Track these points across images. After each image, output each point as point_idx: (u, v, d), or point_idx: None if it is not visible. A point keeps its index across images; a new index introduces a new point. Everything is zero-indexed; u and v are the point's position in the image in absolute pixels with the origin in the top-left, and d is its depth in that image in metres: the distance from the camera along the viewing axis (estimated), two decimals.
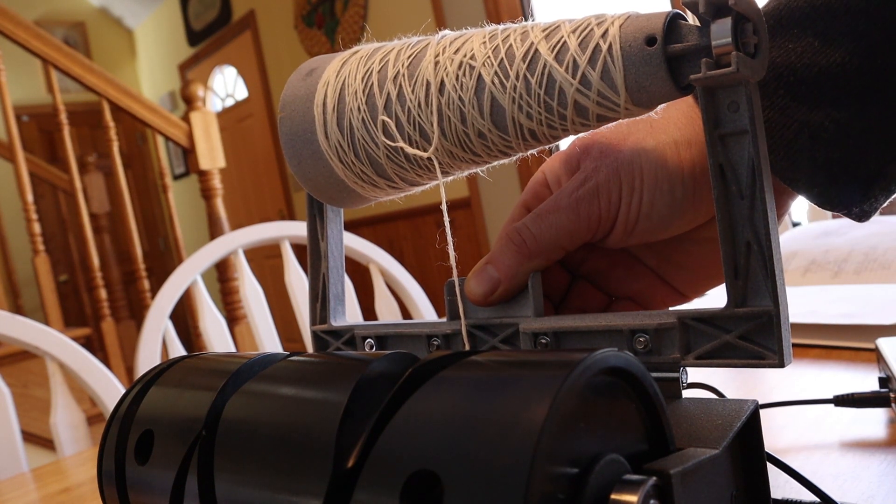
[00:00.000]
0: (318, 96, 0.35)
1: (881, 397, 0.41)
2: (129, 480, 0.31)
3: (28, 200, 2.54)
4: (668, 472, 0.22)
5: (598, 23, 0.29)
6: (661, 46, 0.27)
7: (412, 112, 0.32)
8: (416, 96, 0.32)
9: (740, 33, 0.26)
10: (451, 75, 0.31)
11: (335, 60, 0.36)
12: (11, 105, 2.51)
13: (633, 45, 0.27)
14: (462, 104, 0.31)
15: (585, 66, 0.28)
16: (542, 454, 0.19)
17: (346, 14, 3.46)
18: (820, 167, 0.33)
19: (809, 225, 0.95)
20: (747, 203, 0.27)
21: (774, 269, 0.27)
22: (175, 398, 0.32)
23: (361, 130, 0.34)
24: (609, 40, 0.28)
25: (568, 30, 0.29)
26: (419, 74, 0.32)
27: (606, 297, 0.39)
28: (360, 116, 0.33)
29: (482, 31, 0.32)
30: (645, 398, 0.24)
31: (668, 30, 0.27)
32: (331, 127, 0.34)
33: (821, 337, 0.59)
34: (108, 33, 5.41)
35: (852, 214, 0.35)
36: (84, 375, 0.85)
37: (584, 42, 0.28)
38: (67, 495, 0.57)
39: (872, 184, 0.34)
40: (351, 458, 0.23)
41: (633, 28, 0.27)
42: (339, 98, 0.34)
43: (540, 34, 0.30)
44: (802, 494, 0.31)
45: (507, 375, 0.22)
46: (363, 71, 0.34)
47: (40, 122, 4.78)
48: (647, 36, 0.27)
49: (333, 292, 0.41)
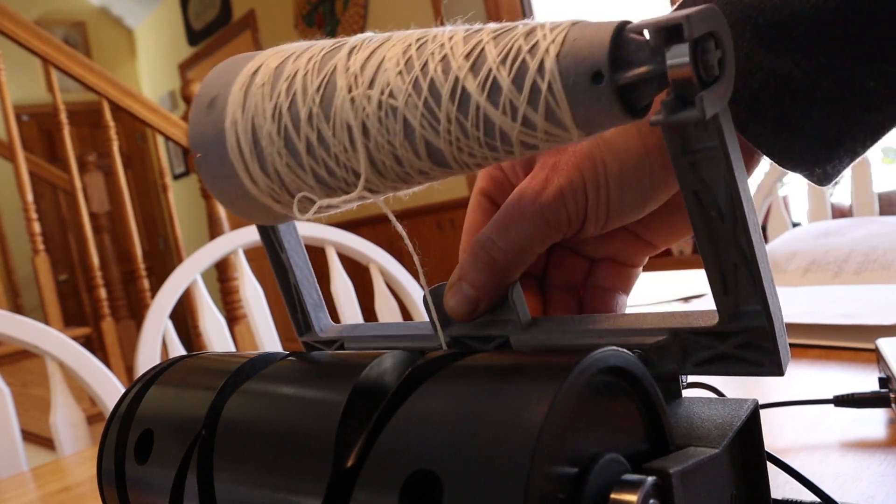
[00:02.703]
0: (230, 138, 0.31)
1: (881, 397, 0.41)
2: (129, 480, 0.31)
3: (28, 200, 2.53)
4: (667, 471, 0.22)
5: (529, 49, 0.24)
6: (609, 81, 0.22)
7: (339, 157, 0.28)
8: (340, 141, 0.28)
9: (700, 52, 0.22)
10: (372, 118, 0.27)
11: (235, 87, 0.31)
12: (11, 104, 2.50)
13: (577, 83, 0.23)
14: (393, 147, 0.27)
15: (525, 108, 0.24)
16: (542, 454, 0.19)
17: (346, 14, 3.46)
18: (785, 122, 0.31)
19: (809, 225, 0.95)
20: (729, 225, 0.25)
21: (764, 287, 0.26)
22: (175, 398, 0.32)
23: (289, 175, 0.30)
24: (547, 77, 0.23)
25: (494, 57, 0.24)
26: (336, 115, 0.28)
27: (587, 261, 0.38)
28: (283, 162, 0.30)
29: (394, 50, 0.27)
30: (645, 397, 0.24)
31: (614, 57, 0.23)
32: (255, 172, 0.31)
33: (821, 337, 0.59)
34: (108, 33, 5.41)
35: (814, 176, 0.33)
36: (84, 375, 0.85)
37: (518, 77, 0.24)
38: (67, 494, 0.57)
39: (838, 144, 0.31)
40: (350, 458, 0.23)
41: (573, 60, 0.23)
42: (253, 140, 0.30)
43: (462, 62, 0.25)
44: (802, 494, 0.31)
45: (506, 375, 0.22)
46: (270, 108, 0.29)
47: (40, 122, 4.77)
48: (592, 72, 0.23)
49: (310, 302, 0.39)
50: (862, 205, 1.17)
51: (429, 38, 0.27)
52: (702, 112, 0.22)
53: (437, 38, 0.27)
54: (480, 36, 0.26)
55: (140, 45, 5.52)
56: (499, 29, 0.26)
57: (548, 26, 0.24)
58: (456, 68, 0.25)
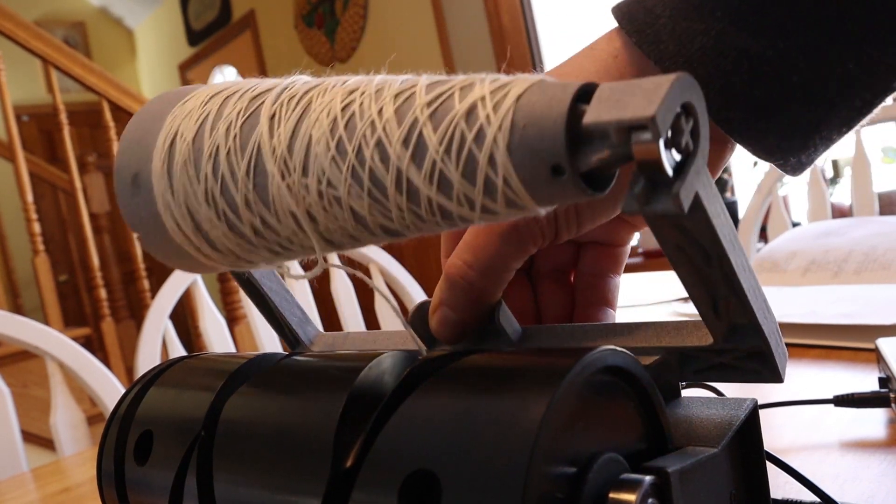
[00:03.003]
0: (168, 222, 0.28)
1: (881, 397, 0.41)
2: (129, 481, 0.31)
3: (28, 200, 2.53)
4: (666, 470, 0.22)
5: (473, 137, 0.21)
6: (570, 173, 0.20)
7: (290, 238, 0.26)
8: (286, 226, 0.26)
9: (671, 136, 0.19)
10: (315, 206, 0.25)
11: (156, 164, 0.28)
12: (11, 105, 2.50)
13: (535, 176, 0.20)
14: (346, 230, 0.25)
15: (482, 199, 0.21)
16: (540, 453, 0.19)
17: (346, 14, 3.46)
18: (758, 107, 0.29)
19: (809, 225, 0.95)
20: (716, 265, 0.24)
21: (755, 313, 0.25)
22: (174, 398, 0.32)
23: (242, 250, 0.28)
24: (501, 172, 0.20)
25: (436, 146, 0.21)
26: (275, 203, 0.25)
27: (574, 247, 0.37)
28: (233, 242, 0.27)
29: (319, 127, 0.24)
30: (643, 397, 0.24)
31: (573, 148, 0.20)
32: (205, 250, 0.29)
33: (821, 337, 0.59)
34: (108, 33, 5.41)
35: (787, 166, 0.31)
36: (84, 375, 0.85)
37: (468, 171, 0.21)
38: (67, 495, 0.57)
39: (814, 131, 0.29)
40: (349, 458, 0.23)
41: (527, 152, 0.20)
42: (194, 224, 0.28)
43: (401, 150, 0.22)
44: (802, 494, 0.31)
45: (505, 375, 0.22)
46: (201, 192, 0.27)
47: (40, 122, 4.77)
48: (551, 166, 0.20)
49: (294, 320, 0.39)
50: (862, 205, 1.17)
51: (355, 109, 0.24)
52: (679, 207, 0.19)
53: (365, 111, 0.23)
54: (413, 110, 0.22)
55: (140, 45, 5.52)
56: (432, 98, 0.22)
57: (489, 103, 0.21)
58: (395, 158, 0.22)
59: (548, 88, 0.20)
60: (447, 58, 3.02)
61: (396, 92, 0.23)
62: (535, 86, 0.21)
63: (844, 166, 2.16)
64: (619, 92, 0.19)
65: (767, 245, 0.89)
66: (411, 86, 0.23)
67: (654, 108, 0.18)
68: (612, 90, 0.19)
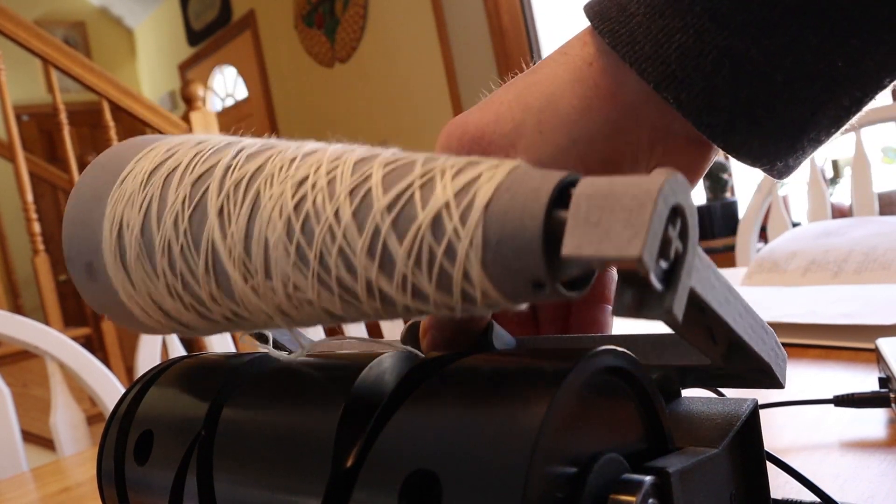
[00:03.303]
0: (133, 308, 0.27)
1: (881, 397, 0.41)
2: (129, 481, 0.31)
3: (28, 200, 2.54)
4: (667, 471, 0.22)
5: (443, 250, 0.19)
6: (551, 287, 0.19)
7: (268, 323, 0.25)
8: (258, 317, 0.25)
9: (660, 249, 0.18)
10: (286, 305, 0.23)
11: (108, 257, 0.27)
12: (11, 104, 2.50)
13: (516, 290, 0.19)
14: (321, 320, 0.24)
15: (462, 304, 0.20)
16: (541, 454, 0.19)
17: (346, 14, 3.46)
18: (742, 109, 0.27)
19: (809, 225, 0.95)
20: (710, 319, 0.23)
21: (755, 349, 0.24)
22: (175, 398, 0.32)
23: (215, 329, 0.27)
24: (479, 288, 0.19)
25: (403, 258, 0.20)
26: (243, 302, 0.24)
27: None
28: (204, 325, 0.27)
29: (274, 227, 0.22)
30: (644, 397, 0.24)
31: (552, 266, 0.18)
32: (177, 328, 0.28)
33: (821, 337, 0.59)
34: (108, 33, 5.41)
35: (774, 171, 0.29)
36: (84, 375, 0.85)
37: (443, 284, 0.20)
38: (67, 495, 0.57)
39: (802, 133, 0.28)
40: (350, 458, 0.23)
41: (504, 271, 0.19)
42: (161, 311, 0.27)
43: (366, 260, 0.21)
44: (802, 494, 0.31)
45: (505, 375, 0.22)
46: (163, 287, 0.25)
47: (40, 122, 4.77)
48: (532, 282, 0.19)
49: (285, 338, 0.39)
50: (862, 204, 1.17)
51: (309, 209, 0.22)
52: (670, 314, 0.18)
53: (320, 212, 0.22)
54: (373, 216, 0.21)
55: (140, 45, 5.52)
56: (391, 201, 0.21)
57: (455, 214, 0.19)
58: (362, 269, 0.21)
59: (517, 192, 0.19)
60: (447, 58, 3.02)
61: (351, 187, 0.21)
62: (503, 188, 0.19)
63: (844, 166, 2.17)
64: (599, 207, 0.17)
65: (767, 245, 0.89)
66: (365, 177, 0.21)
67: (640, 244, 0.16)
68: (589, 204, 0.17)
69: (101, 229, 0.27)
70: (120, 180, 0.27)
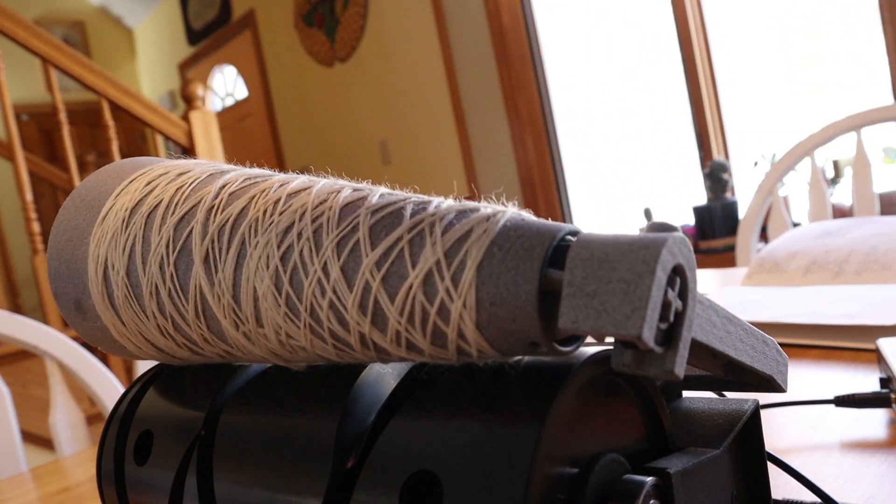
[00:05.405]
0: (125, 343, 0.27)
1: (882, 398, 0.41)
2: (129, 481, 0.31)
3: (27, 199, 2.53)
4: (668, 471, 0.22)
5: (436, 311, 0.19)
6: (548, 347, 0.19)
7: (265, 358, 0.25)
8: (253, 357, 0.25)
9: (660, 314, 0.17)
10: (279, 350, 0.23)
11: (95, 295, 0.26)
12: (11, 104, 2.50)
13: (512, 349, 0.19)
14: (316, 362, 0.24)
15: (458, 357, 0.20)
16: (542, 454, 0.19)
17: (346, 14, 3.46)
18: None
19: (810, 225, 0.94)
20: (720, 356, 0.23)
21: (755, 367, 0.25)
22: (174, 398, 0.31)
23: (211, 361, 0.28)
24: (475, 347, 0.19)
25: (396, 317, 0.20)
26: (235, 345, 0.24)
27: None
28: (204, 361, 0.27)
29: (262, 277, 0.22)
30: (645, 398, 0.24)
31: (549, 329, 0.18)
32: (166, 359, 0.29)
33: (821, 337, 0.59)
34: (107, 32, 5.41)
35: None
36: (83, 375, 0.85)
37: (438, 342, 0.20)
38: (66, 495, 0.57)
39: None
40: (350, 459, 0.23)
41: (500, 333, 0.18)
42: (153, 347, 0.27)
43: (359, 316, 0.20)
44: (803, 495, 0.31)
45: (506, 376, 0.22)
46: (153, 327, 0.25)
47: (40, 121, 4.77)
48: (528, 343, 0.19)
49: None
50: (862, 205, 1.17)
51: (296, 260, 0.21)
52: (671, 374, 0.17)
53: (308, 266, 0.21)
54: (362, 272, 0.20)
55: (140, 44, 5.52)
56: (379, 257, 0.20)
57: (447, 275, 0.19)
58: (354, 323, 0.20)
59: (511, 249, 0.18)
60: (447, 58, 3.02)
61: (338, 240, 0.21)
62: (495, 247, 0.19)
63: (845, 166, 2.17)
64: (595, 276, 0.17)
65: (768, 245, 0.89)
66: (352, 227, 0.21)
67: (639, 322, 0.16)
68: (585, 272, 0.17)
69: (86, 268, 0.26)
70: (101, 217, 0.27)
